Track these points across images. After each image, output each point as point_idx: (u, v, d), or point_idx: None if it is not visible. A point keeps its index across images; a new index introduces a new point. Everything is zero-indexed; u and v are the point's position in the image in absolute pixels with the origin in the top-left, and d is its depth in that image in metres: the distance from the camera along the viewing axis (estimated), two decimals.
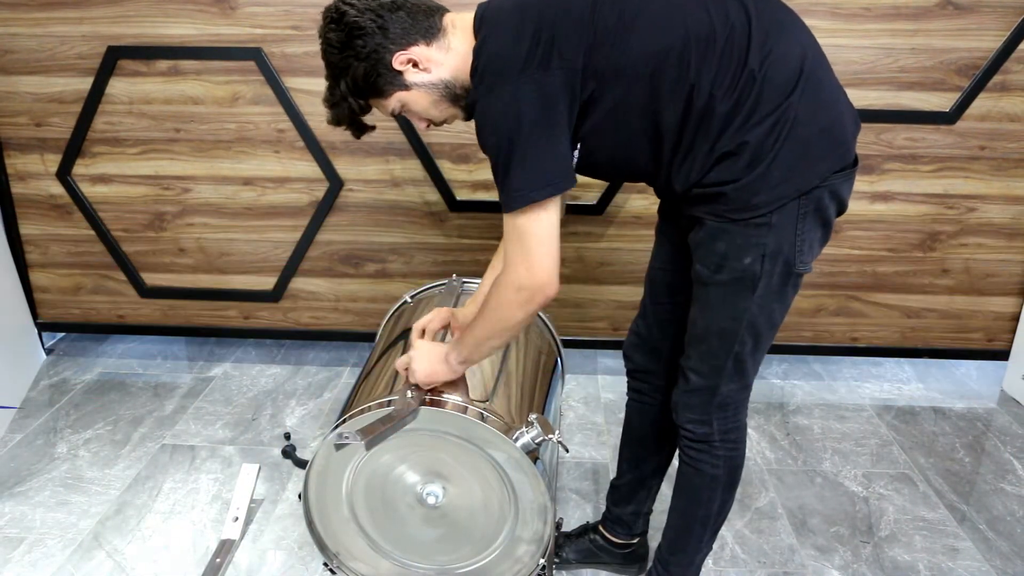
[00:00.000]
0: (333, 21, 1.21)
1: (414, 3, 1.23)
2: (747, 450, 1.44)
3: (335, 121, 1.29)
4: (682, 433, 1.41)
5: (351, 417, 1.43)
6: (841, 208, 1.25)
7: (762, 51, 1.14)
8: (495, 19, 1.19)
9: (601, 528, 1.72)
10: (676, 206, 1.33)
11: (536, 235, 1.16)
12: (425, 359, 1.39)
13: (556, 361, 1.88)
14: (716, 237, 1.23)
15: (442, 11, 1.26)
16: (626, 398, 1.64)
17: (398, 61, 1.22)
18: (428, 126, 1.34)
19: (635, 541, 1.71)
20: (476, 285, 1.91)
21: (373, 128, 1.32)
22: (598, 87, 1.16)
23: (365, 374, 1.66)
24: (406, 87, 1.25)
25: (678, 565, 1.52)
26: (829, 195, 1.21)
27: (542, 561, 1.49)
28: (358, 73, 1.22)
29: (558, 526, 1.71)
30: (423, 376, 1.39)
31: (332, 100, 1.27)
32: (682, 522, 1.48)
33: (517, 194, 1.14)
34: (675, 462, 1.50)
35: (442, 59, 1.24)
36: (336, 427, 1.44)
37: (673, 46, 1.14)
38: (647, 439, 1.62)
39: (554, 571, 1.68)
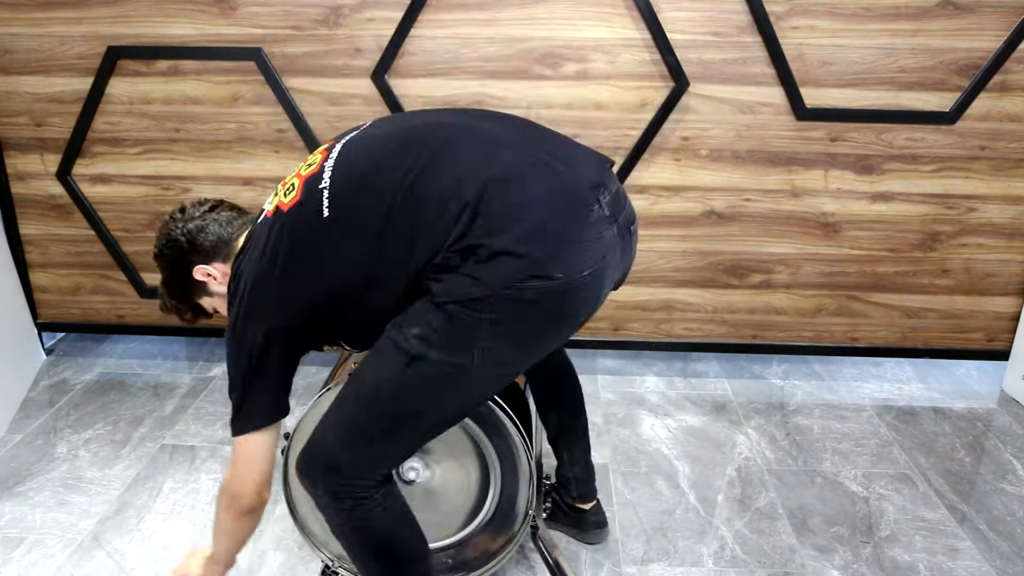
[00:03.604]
0: (161, 228, 1.41)
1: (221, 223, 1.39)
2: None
3: (162, 309, 1.50)
4: None
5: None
6: None
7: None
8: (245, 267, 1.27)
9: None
10: None
11: (246, 455, 1.29)
12: None
13: None
14: None
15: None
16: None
17: (199, 273, 1.39)
18: None
19: (582, 506, 1.75)
20: None
21: (209, 316, 1.50)
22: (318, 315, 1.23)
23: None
24: (210, 294, 1.44)
25: None
26: None
27: (532, 513, 1.51)
28: (168, 277, 1.44)
29: (547, 479, 1.78)
30: None
31: (158, 292, 1.50)
32: None
33: (239, 423, 1.28)
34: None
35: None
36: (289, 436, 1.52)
37: (352, 275, 1.19)
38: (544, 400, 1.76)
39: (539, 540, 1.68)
